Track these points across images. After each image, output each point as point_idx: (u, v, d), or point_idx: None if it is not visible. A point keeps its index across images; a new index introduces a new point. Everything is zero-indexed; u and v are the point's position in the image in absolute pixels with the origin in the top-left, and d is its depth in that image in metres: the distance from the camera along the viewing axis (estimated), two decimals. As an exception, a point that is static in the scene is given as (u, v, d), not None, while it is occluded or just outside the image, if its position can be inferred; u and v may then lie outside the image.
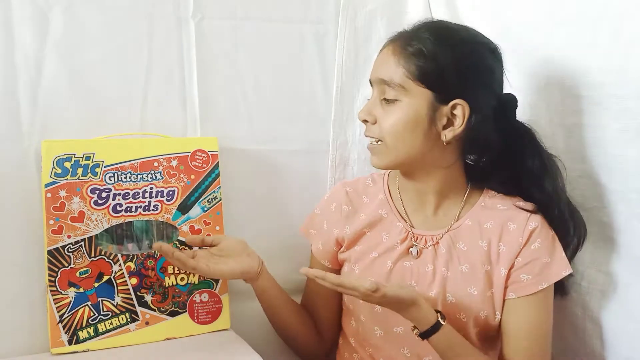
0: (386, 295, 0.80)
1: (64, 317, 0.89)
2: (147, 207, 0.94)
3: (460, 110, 0.87)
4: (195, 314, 0.97)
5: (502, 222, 0.91)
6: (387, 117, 0.89)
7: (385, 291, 0.79)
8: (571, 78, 0.93)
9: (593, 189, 0.93)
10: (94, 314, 0.91)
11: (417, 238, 0.94)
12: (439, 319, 0.84)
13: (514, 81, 0.93)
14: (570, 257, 0.92)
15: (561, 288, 0.94)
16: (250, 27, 1.08)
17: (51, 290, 0.89)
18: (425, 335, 0.84)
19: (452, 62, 0.87)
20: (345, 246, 0.99)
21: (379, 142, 0.90)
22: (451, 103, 0.87)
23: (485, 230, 0.91)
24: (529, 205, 0.92)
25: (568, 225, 0.91)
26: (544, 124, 0.99)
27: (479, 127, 0.88)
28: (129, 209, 0.93)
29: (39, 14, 0.92)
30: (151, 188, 0.95)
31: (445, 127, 0.88)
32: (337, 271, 1.02)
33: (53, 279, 0.89)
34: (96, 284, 0.91)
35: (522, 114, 0.98)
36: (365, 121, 0.92)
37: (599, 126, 0.90)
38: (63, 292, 0.89)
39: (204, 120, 1.04)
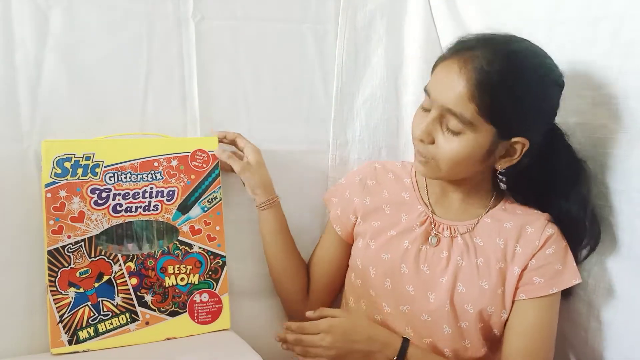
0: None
1: (64, 317, 0.89)
2: (147, 207, 0.94)
3: (521, 146, 0.88)
4: (196, 314, 0.97)
5: (521, 225, 0.92)
6: (447, 145, 0.86)
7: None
8: (572, 78, 0.93)
9: (596, 188, 0.93)
10: (94, 314, 0.91)
11: (436, 224, 0.95)
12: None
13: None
14: (578, 263, 0.93)
15: (566, 291, 0.94)
16: (250, 27, 1.08)
17: (51, 291, 0.88)
18: None
19: (524, 102, 0.84)
20: (361, 217, 1.00)
21: (432, 160, 0.89)
22: (513, 140, 0.87)
23: (504, 229, 0.93)
24: (546, 214, 0.94)
25: (584, 233, 0.92)
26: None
27: (527, 154, 0.89)
28: (129, 209, 0.93)
29: (39, 14, 0.92)
30: (151, 188, 0.94)
31: (501, 157, 0.89)
32: (349, 246, 1.04)
33: (53, 279, 0.88)
34: (96, 284, 0.91)
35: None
36: (421, 140, 0.88)
37: (600, 126, 0.90)
38: (63, 292, 0.89)
39: (204, 120, 1.04)
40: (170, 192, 0.96)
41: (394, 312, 0.95)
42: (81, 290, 0.90)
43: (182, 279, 0.96)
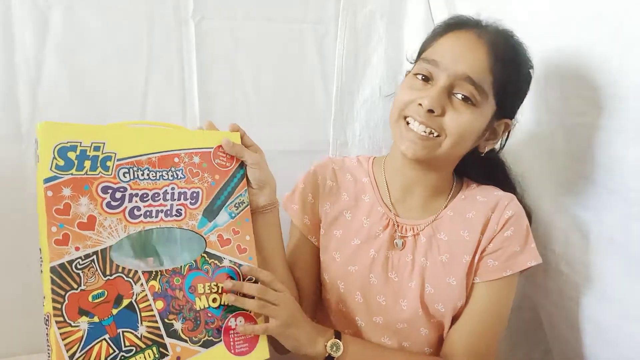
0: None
1: (75, 357, 0.67)
2: (169, 212, 0.77)
3: (504, 128, 0.90)
4: (232, 343, 0.79)
5: (484, 213, 0.90)
6: (458, 116, 0.83)
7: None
8: (571, 79, 0.93)
9: (592, 188, 0.93)
10: (114, 351, 0.70)
11: (399, 226, 0.93)
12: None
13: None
14: None
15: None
16: (250, 27, 1.08)
17: (57, 322, 0.67)
18: None
19: (521, 84, 0.89)
20: (323, 225, 0.96)
21: (436, 136, 0.84)
22: (503, 120, 0.89)
23: (468, 220, 0.91)
24: (508, 195, 0.92)
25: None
26: (544, 124, 0.99)
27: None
28: (148, 213, 0.76)
29: (39, 14, 0.92)
30: (172, 188, 0.78)
31: (486, 140, 0.90)
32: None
33: (59, 305, 0.67)
34: (114, 311, 0.71)
35: (522, 115, 0.98)
36: (430, 111, 0.83)
37: (599, 127, 0.90)
38: (73, 324, 0.68)
39: (204, 121, 1.03)
40: (194, 194, 0.80)
41: (368, 325, 0.92)
42: (96, 319, 0.69)
43: (214, 300, 0.79)
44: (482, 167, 0.97)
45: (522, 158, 1.02)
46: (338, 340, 0.83)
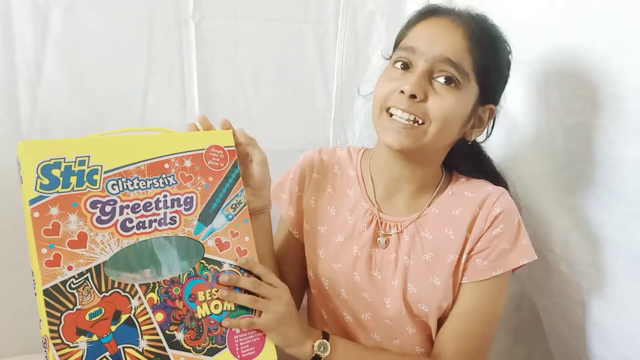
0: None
1: None
2: (162, 221, 0.75)
3: (489, 114, 0.89)
4: (237, 348, 0.78)
5: (472, 210, 0.88)
6: (441, 100, 0.82)
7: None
8: (570, 78, 0.93)
9: (592, 188, 0.93)
10: None
11: (382, 223, 0.91)
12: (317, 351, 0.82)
13: (513, 81, 0.93)
14: None
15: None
16: (250, 27, 1.08)
17: (55, 345, 0.66)
18: None
19: (504, 67, 0.88)
20: (306, 220, 0.95)
21: (421, 124, 0.83)
22: (488, 106, 0.88)
23: (453, 217, 0.89)
24: (498, 190, 0.90)
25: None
26: (543, 124, 0.99)
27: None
28: (141, 224, 0.74)
29: (39, 14, 0.92)
30: (165, 196, 0.76)
31: (472, 127, 0.88)
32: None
33: (56, 327, 0.67)
34: (113, 327, 0.70)
35: (521, 114, 0.98)
36: (413, 97, 0.81)
37: (598, 126, 0.90)
38: (71, 345, 0.67)
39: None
40: (188, 200, 0.78)
41: (356, 321, 0.92)
42: (95, 338, 0.68)
43: (216, 306, 0.78)
44: (470, 158, 0.95)
45: (522, 158, 1.02)
46: (326, 341, 0.83)
